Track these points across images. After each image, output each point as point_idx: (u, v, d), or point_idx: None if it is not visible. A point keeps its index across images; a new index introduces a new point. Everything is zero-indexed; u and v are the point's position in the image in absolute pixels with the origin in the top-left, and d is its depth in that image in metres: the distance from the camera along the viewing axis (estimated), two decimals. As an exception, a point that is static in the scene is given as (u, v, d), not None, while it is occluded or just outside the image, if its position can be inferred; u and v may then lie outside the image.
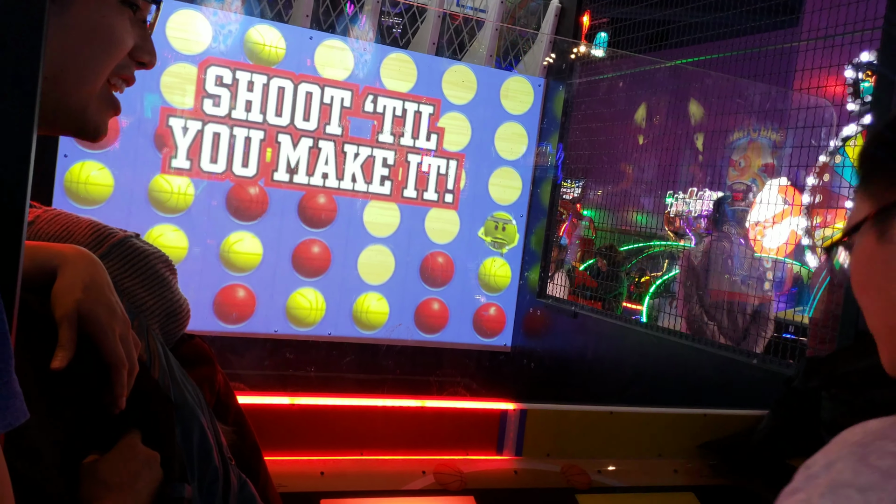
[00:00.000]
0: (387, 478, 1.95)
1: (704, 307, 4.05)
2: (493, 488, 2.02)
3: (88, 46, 0.93)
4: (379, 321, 4.09)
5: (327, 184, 3.92)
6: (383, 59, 3.98)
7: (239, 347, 3.78)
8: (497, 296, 4.39)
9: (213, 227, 3.75)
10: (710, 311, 4.04)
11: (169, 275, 1.23)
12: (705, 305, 4.05)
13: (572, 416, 2.21)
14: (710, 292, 4.01)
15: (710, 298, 4.07)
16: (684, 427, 2.27)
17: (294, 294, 3.92)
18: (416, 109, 4.03)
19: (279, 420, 1.92)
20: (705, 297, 4.07)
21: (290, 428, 1.93)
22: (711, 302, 4.06)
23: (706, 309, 4.05)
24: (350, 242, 4.00)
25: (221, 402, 1.37)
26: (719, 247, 4.19)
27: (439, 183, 4.14)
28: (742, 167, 7.95)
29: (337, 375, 3.98)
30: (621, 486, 2.12)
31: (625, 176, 5.34)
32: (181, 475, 1.01)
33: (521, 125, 4.32)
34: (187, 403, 1.10)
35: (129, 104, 3.55)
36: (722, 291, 4.01)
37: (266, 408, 1.92)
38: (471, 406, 2.17)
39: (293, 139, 3.83)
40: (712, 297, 4.05)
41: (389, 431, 2.03)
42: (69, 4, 0.88)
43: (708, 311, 4.06)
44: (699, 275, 4.11)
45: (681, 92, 4.28)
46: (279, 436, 1.91)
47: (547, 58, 4.38)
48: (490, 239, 4.19)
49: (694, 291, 4.06)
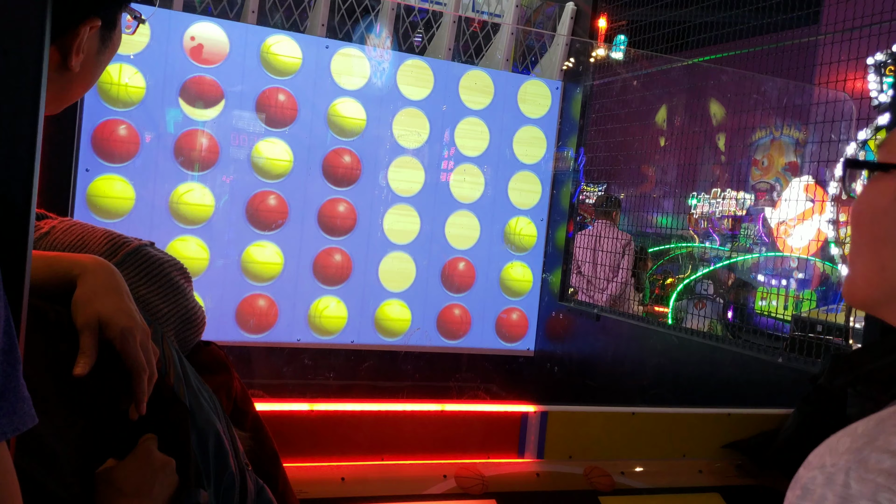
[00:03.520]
0: (407, 482, 1.95)
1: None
2: (514, 491, 2.01)
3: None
4: (401, 328, 4.10)
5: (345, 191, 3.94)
6: (399, 65, 4.00)
7: (258, 356, 3.81)
8: (519, 300, 4.37)
9: (235, 238, 3.79)
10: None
11: (184, 282, 1.25)
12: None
13: (594, 418, 2.19)
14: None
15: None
16: (708, 427, 2.24)
17: (316, 302, 3.94)
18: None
19: (299, 426, 1.93)
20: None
21: (311, 434, 1.94)
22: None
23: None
24: (371, 250, 4.01)
25: (238, 409, 1.38)
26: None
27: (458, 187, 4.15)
28: (765, 166, 7.85)
29: (356, 383, 3.99)
30: (645, 487, 2.10)
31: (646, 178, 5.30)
32: (197, 481, 1.02)
33: (540, 129, 4.31)
34: (203, 409, 1.11)
35: (151, 119, 3.61)
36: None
37: (286, 414, 1.93)
38: (491, 409, 2.16)
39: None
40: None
41: (410, 436, 2.03)
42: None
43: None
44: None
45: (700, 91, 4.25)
46: (299, 442, 1.91)
47: (564, 61, 4.37)
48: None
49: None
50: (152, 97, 3.59)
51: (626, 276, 4.75)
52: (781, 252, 6.83)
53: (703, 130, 4.15)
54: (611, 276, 4.76)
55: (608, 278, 4.76)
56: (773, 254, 7.02)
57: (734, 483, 2.14)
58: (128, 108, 3.56)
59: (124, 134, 3.57)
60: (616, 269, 4.70)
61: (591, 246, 4.76)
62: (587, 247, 4.78)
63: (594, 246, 4.74)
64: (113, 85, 3.52)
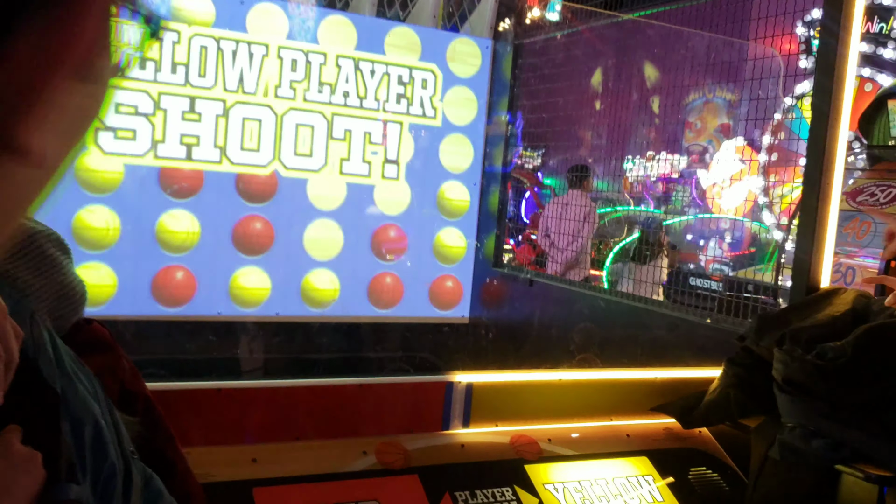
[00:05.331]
0: (325, 461, 1.84)
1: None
2: (438, 464, 1.92)
3: None
4: (329, 299, 3.95)
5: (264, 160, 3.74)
6: (321, 20, 3.79)
7: (174, 331, 3.62)
8: (453, 267, 4.27)
9: (147, 205, 3.56)
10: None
11: (59, 255, 1.13)
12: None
13: (520, 386, 2.11)
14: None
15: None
16: (636, 391, 2.19)
17: (236, 273, 3.75)
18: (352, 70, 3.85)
19: (206, 406, 1.79)
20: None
21: (219, 414, 1.81)
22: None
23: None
24: (294, 217, 3.84)
25: (127, 391, 1.27)
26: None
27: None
28: (698, 129, 7.92)
29: (279, 357, 3.85)
30: (573, 454, 2.04)
31: (582, 142, 5.24)
32: (69, 475, 0.90)
33: (470, 89, 4.17)
34: (78, 395, 0.99)
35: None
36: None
37: (190, 393, 1.78)
38: (414, 380, 2.06)
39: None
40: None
41: (328, 413, 1.91)
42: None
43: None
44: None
45: (633, 49, 4.18)
46: (207, 423, 1.78)
47: (495, 18, 4.23)
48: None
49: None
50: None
51: (584, 243, 4.77)
52: (713, 214, 6.93)
53: (637, 91, 4.09)
54: (571, 242, 4.79)
55: (568, 244, 4.78)
56: (706, 215, 7.12)
57: (662, 447, 2.10)
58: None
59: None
60: (577, 235, 4.71)
61: (562, 214, 4.76)
62: (558, 215, 4.79)
63: (563, 214, 4.74)
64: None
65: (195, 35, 3.52)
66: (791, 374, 1.83)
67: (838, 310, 1.92)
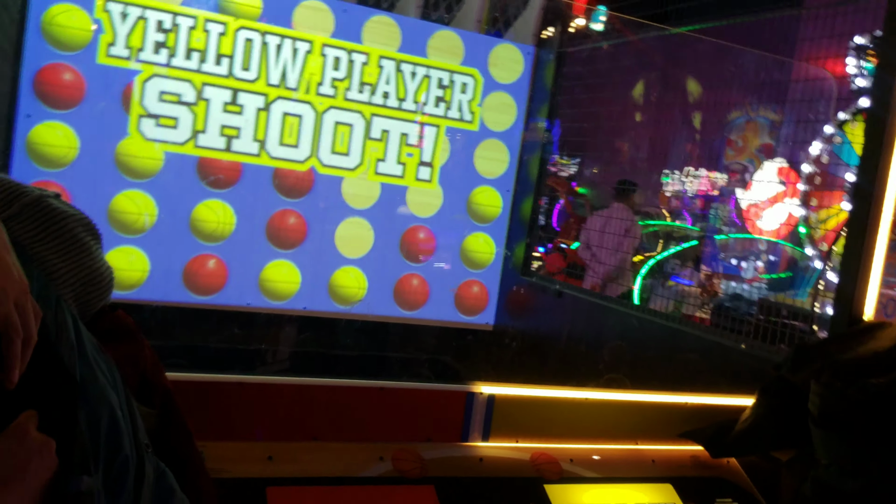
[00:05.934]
0: (340, 464, 1.81)
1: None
2: (455, 476, 1.88)
3: None
4: (356, 296, 3.94)
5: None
6: (366, 20, 3.78)
7: (202, 319, 3.64)
8: (480, 272, 4.23)
9: (184, 194, 3.59)
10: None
11: (90, 239, 1.13)
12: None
13: (544, 402, 2.07)
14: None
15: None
16: (664, 415, 2.13)
17: (267, 266, 3.76)
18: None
19: (225, 400, 1.78)
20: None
21: (237, 408, 1.79)
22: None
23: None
24: (328, 214, 3.84)
25: (147, 382, 1.25)
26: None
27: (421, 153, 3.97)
28: (739, 147, 7.77)
29: (301, 351, 3.85)
30: (594, 476, 1.98)
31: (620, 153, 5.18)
32: (81, 465, 0.89)
33: (510, 95, 4.13)
34: (97, 383, 0.99)
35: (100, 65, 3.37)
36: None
37: (210, 385, 1.77)
38: (435, 387, 2.02)
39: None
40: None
41: (346, 415, 1.89)
42: None
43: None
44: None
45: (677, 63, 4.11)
46: (225, 417, 1.76)
47: (539, 25, 4.18)
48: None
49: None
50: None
51: (624, 257, 4.75)
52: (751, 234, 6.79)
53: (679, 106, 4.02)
54: (611, 255, 4.81)
55: (609, 257, 4.80)
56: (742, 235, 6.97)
57: (688, 475, 2.04)
58: (74, 52, 3.33)
59: (69, 79, 3.34)
60: (618, 249, 4.71)
61: (604, 227, 4.80)
62: (600, 228, 4.83)
63: (605, 227, 4.78)
64: (58, 27, 3.28)
65: (241, 27, 3.54)
66: (829, 408, 1.75)
67: (882, 345, 1.84)
